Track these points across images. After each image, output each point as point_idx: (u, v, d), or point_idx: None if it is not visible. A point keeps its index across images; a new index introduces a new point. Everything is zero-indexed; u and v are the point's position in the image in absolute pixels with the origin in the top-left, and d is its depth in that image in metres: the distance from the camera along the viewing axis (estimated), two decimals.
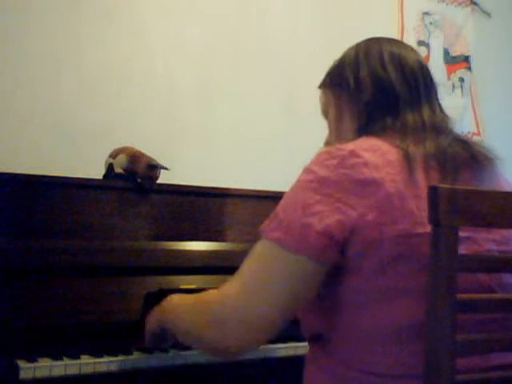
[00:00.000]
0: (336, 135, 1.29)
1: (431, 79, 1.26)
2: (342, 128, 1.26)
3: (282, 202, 1.12)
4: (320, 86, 1.33)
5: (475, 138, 2.96)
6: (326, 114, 1.32)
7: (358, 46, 1.29)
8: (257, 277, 1.10)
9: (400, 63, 1.23)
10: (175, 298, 1.32)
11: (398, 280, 1.04)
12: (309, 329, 1.19)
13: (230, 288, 1.13)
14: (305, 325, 1.19)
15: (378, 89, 1.21)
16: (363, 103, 1.22)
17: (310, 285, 1.08)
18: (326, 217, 1.05)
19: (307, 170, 1.11)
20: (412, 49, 1.30)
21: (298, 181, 1.12)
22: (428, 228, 1.00)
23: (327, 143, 1.31)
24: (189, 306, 1.24)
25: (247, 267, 1.12)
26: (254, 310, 1.09)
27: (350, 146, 1.10)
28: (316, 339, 1.15)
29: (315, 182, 1.08)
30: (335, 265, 1.08)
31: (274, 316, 1.09)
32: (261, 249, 1.11)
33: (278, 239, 1.07)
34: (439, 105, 1.26)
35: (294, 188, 1.12)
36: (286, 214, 1.09)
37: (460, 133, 1.24)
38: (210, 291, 1.18)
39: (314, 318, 1.15)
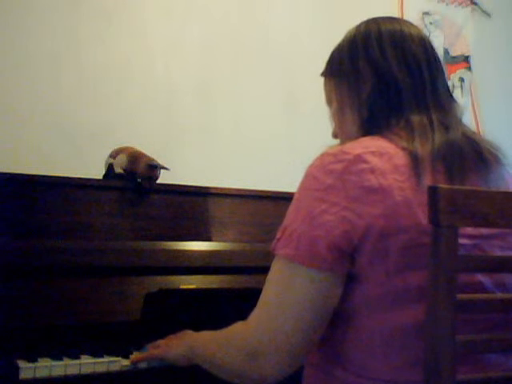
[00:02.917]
0: (339, 127, 1.25)
1: (435, 58, 1.21)
2: (344, 120, 1.22)
3: (289, 213, 1.10)
4: (322, 74, 1.29)
5: None
6: (329, 103, 1.28)
7: (357, 28, 1.23)
8: (276, 299, 1.08)
9: (401, 46, 1.18)
10: (199, 335, 1.29)
11: (404, 288, 1.03)
12: None
13: (254, 317, 1.11)
14: None
15: (378, 80, 1.16)
16: (364, 95, 1.17)
17: (329, 297, 1.06)
18: (334, 228, 1.03)
19: (311, 176, 1.08)
20: (413, 24, 1.24)
21: (303, 188, 1.09)
22: None
23: (334, 134, 1.28)
24: (217, 344, 1.19)
25: (266, 291, 1.10)
26: (281, 332, 1.06)
27: (357, 148, 1.07)
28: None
29: (320, 190, 1.05)
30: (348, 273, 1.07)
31: (302, 334, 1.06)
32: (275, 268, 1.09)
33: (289, 256, 1.06)
34: (447, 87, 1.21)
35: (299, 198, 1.09)
36: (293, 228, 1.07)
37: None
38: (236, 324, 1.16)
39: None
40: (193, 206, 1.81)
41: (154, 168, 1.75)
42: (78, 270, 1.50)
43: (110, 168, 1.81)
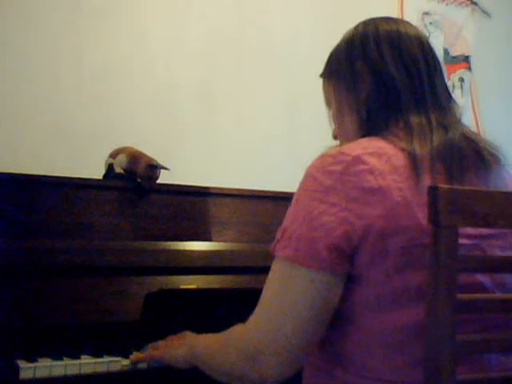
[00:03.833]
0: (338, 128, 1.25)
1: (433, 58, 1.20)
2: (344, 121, 1.23)
3: (288, 215, 1.10)
4: (320, 76, 1.29)
5: None
6: (328, 104, 1.28)
7: (355, 29, 1.24)
8: (276, 300, 1.08)
9: (399, 46, 1.17)
10: (199, 337, 1.29)
11: (403, 288, 1.03)
12: None
13: (254, 318, 1.11)
14: None
15: (376, 81, 1.16)
16: (362, 96, 1.17)
17: (329, 297, 1.06)
18: (333, 229, 1.03)
19: (310, 177, 1.08)
20: (411, 25, 1.24)
21: (302, 189, 1.09)
22: None
23: (334, 136, 1.28)
24: (217, 346, 1.20)
25: (266, 292, 1.10)
26: (281, 333, 1.06)
27: (355, 149, 1.07)
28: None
29: (320, 191, 1.06)
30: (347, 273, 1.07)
31: (302, 335, 1.06)
32: (275, 269, 1.09)
33: (289, 257, 1.06)
34: (445, 87, 1.21)
35: (299, 198, 1.09)
36: (293, 229, 1.07)
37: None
38: (236, 326, 1.16)
39: None
40: (193, 206, 1.81)
41: (154, 168, 1.75)
42: (78, 270, 1.50)
43: (110, 168, 1.81)
